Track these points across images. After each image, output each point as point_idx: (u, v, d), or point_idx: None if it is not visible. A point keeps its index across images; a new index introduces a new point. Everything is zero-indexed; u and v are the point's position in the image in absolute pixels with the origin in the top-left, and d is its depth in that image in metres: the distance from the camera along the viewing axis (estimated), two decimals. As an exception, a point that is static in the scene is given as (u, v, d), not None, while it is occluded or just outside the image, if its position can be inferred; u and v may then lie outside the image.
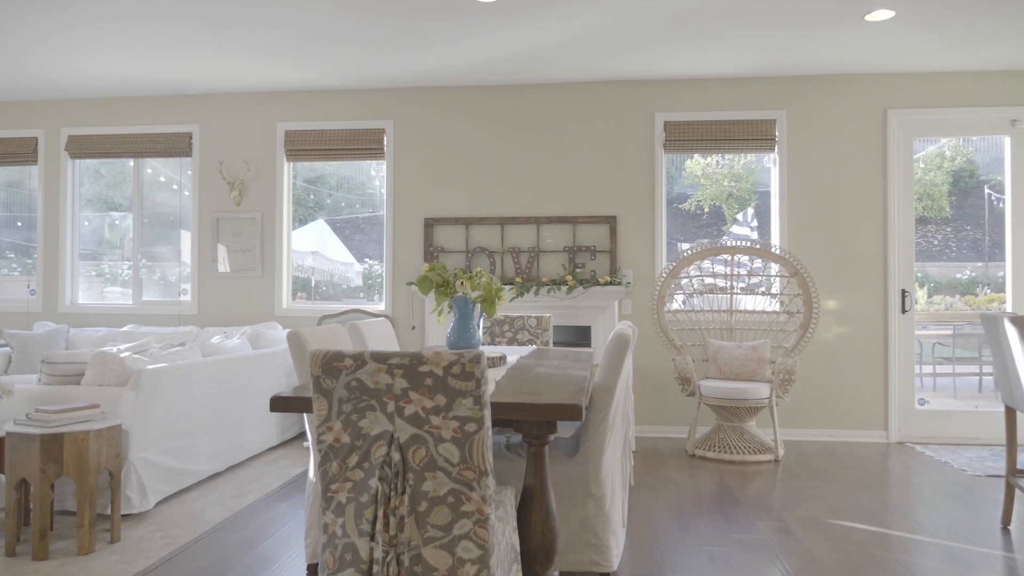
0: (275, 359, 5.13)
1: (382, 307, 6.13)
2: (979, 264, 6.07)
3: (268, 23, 4.66)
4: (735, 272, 5.58)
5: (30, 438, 3.01)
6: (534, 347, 4.44)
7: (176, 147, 6.28)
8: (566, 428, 3.38)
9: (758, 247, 5.46)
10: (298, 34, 4.86)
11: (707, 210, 6.30)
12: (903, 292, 5.60)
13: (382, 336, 3.84)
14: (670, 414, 5.82)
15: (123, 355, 3.73)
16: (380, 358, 1.90)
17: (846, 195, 5.70)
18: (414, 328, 6.03)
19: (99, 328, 5.96)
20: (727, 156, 6.26)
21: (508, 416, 2.19)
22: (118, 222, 6.59)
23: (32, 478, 3.00)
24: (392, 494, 1.93)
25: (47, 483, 3.01)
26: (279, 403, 2.38)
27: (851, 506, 3.92)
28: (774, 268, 5.66)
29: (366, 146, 6.08)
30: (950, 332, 6.44)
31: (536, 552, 2.30)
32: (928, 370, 6.24)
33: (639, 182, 5.88)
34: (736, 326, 5.60)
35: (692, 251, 5.54)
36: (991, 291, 6.01)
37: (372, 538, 1.95)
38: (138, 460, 3.59)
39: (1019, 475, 3.53)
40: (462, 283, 3.18)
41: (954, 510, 3.85)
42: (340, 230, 6.55)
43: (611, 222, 5.86)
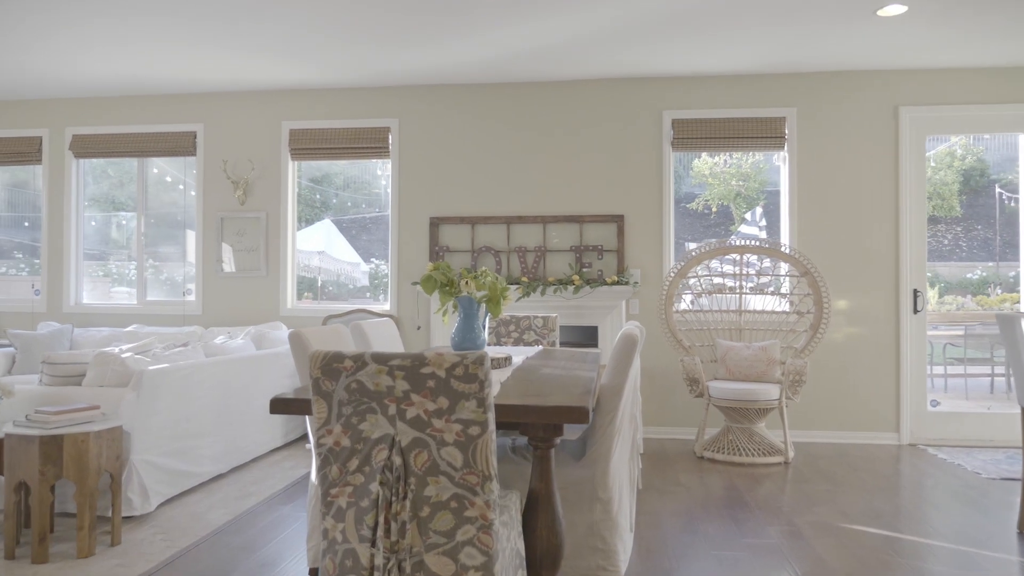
0: (279, 359, 5.09)
1: (387, 307, 6.09)
2: (990, 264, 6.00)
3: (272, 20, 4.62)
4: (744, 272, 5.50)
5: (29, 439, 2.97)
6: (540, 348, 4.39)
7: (180, 146, 6.25)
8: (573, 430, 3.32)
9: (767, 246, 5.39)
10: (302, 31, 4.82)
11: (715, 210, 6.23)
12: (915, 292, 5.52)
13: (386, 336, 3.79)
14: (678, 415, 5.75)
15: (124, 356, 3.69)
16: (381, 359, 1.85)
17: (857, 193, 5.61)
18: (419, 328, 5.98)
19: (103, 328, 5.93)
20: (735, 155, 6.19)
21: (513, 419, 2.13)
22: (125, 222, 6.57)
23: (31, 480, 2.96)
24: (393, 499, 1.88)
25: (46, 485, 2.97)
26: (279, 405, 2.33)
27: (863, 510, 3.85)
28: (784, 268, 5.59)
29: (371, 145, 6.04)
30: (961, 332, 6.37)
31: (542, 558, 2.25)
32: (939, 371, 6.17)
33: (647, 181, 5.82)
34: (745, 326, 5.52)
35: (700, 250, 5.47)
36: (1003, 291, 5.93)
37: (373, 544, 1.90)
38: (139, 462, 3.55)
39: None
40: (467, 282, 3.12)
41: (968, 514, 3.78)
42: (347, 230, 6.51)
43: (618, 221, 5.79)
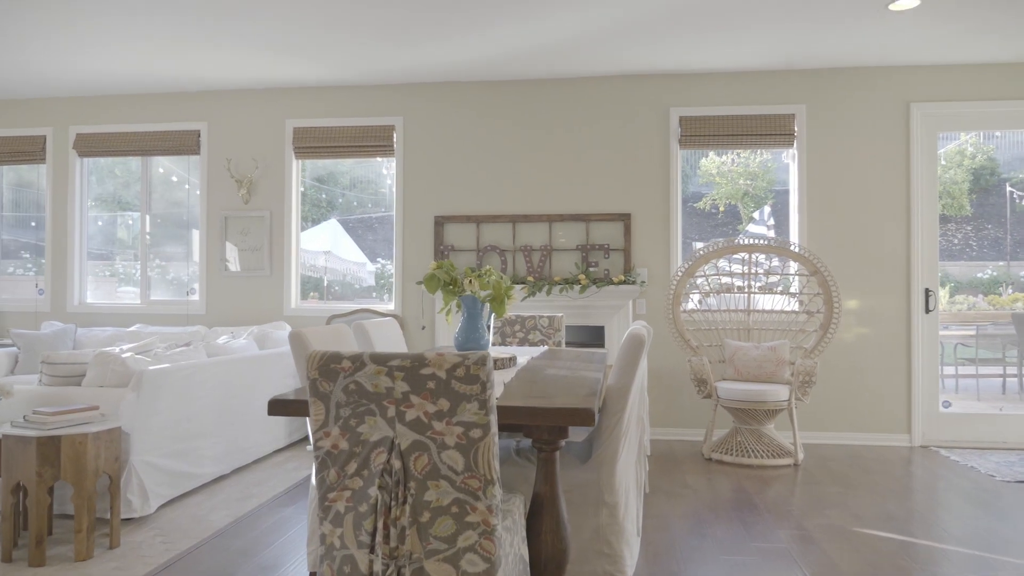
0: (282, 359, 5.04)
1: (392, 307, 6.04)
2: (1001, 263, 5.92)
3: (275, 18, 4.58)
4: (752, 271, 5.43)
5: (26, 441, 2.93)
6: (546, 348, 4.33)
7: (184, 145, 6.21)
8: (578, 432, 3.26)
9: (776, 245, 5.31)
10: (306, 29, 4.77)
11: (722, 209, 6.15)
12: (927, 291, 5.43)
13: (389, 337, 3.73)
14: (686, 416, 5.68)
15: (125, 356, 3.65)
16: (380, 360, 1.79)
17: (868, 191, 5.53)
18: (424, 328, 5.93)
19: (107, 328, 5.90)
20: (742, 154, 6.11)
21: (516, 421, 2.07)
22: (131, 222, 6.53)
23: (28, 482, 2.92)
24: (393, 504, 1.82)
25: (43, 487, 2.93)
26: (278, 406, 2.28)
27: (875, 513, 3.77)
28: (793, 267, 5.51)
29: (375, 143, 5.99)
30: (973, 332, 6.27)
31: (546, 564, 2.19)
32: (950, 371, 6.07)
33: (654, 179, 5.75)
34: (754, 326, 5.45)
35: (708, 249, 5.39)
36: (1014, 290, 5.84)
37: (372, 550, 1.84)
38: (139, 463, 3.51)
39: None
40: (470, 281, 3.07)
41: (983, 518, 3.69)
42: (353, 230, 6.46)
43: (625, 220, 5.73)
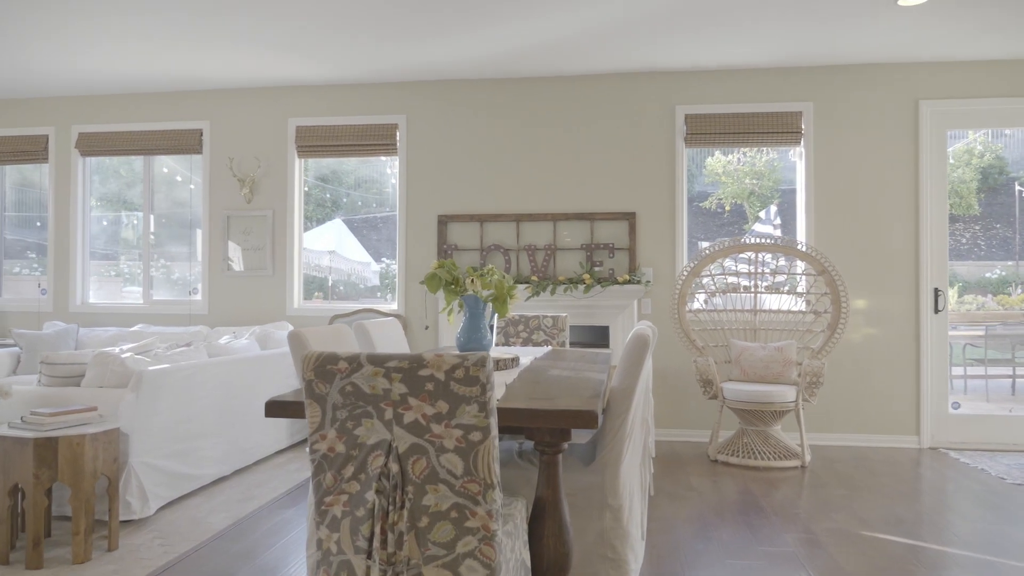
0: (284, 360, 5.01)
1: (395, 307, 6.00)
2: (1009, 263, 5.85)
3: (278, 16, 4.54)
4: (759, 270, 5.37)
5: (23, 442, 2.89)
6: (549, 348, 4.28)
7: (186, 144, 6.19)
8: (582, 434, 3.22)
9: (783, 244, 5.25)
10: (309, 27, 4.74)
11: (728, 208, 6.09)
12: (936, 291, 5.36)
13: (391, 337, 3.69)
14: (691, 417, 5.62)
15: (124, 356, 3.62)
16: (377, 361, 1.75)
17: (876, 190, 5.46)
18: (427, 328, 5.88)
19: (109, 328, 5.88)
20: (748, 153, 6.05)
21: (517, 423, 2.03)
22: (136, 222, 6.51)
23: (25, 484, 2.89)
24: (390, 508, 1.78)
25: (41, 489, 2.89)
26: (275, 408, 2.24)
27: (883, 516, 3.71)
28: (800, 266, 5.45)
29: (378, 142, 5.95)
30: (982, 333, 6.20)
31: (548, 569, 2.14)
32: (958, 372, 6.00)
33: (659, 177, 5.69)
34: (760, 326, 5.39)
35: (714, 249, 5.34)
36: (1023, 290, 5.77)
37: (369, 556, 1.80)
38: (139, 464, 3.48)
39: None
40: (472, 281, 3.02)
41: (994, 521, 3.63)
42: (358, 230, 6.43)
43: (630, 219, 5.67)
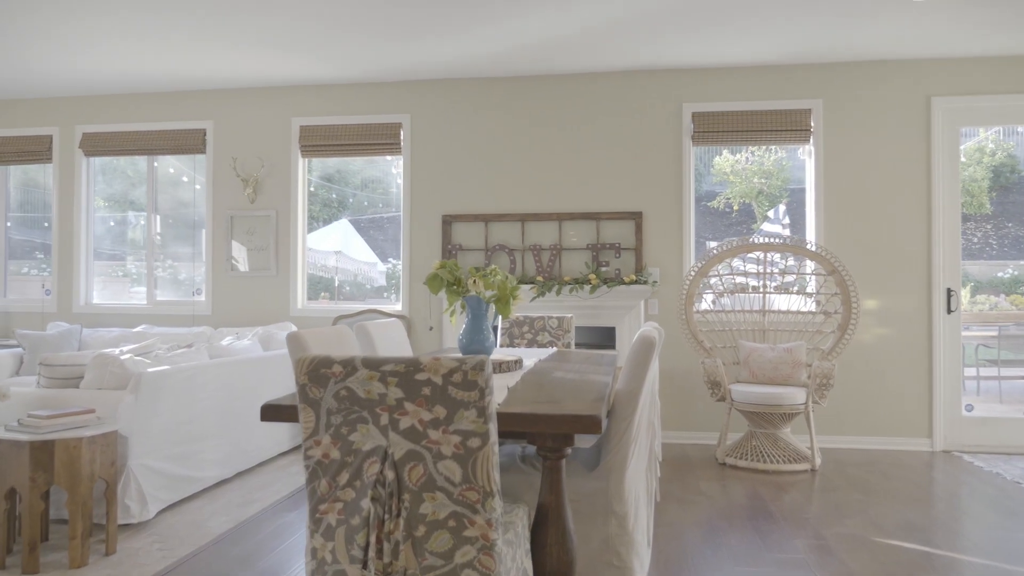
0: (286, 361, 4.96)
1: (399, 307, 5.95)
2: (1022, 262, 5.75)
3: (282, 14, 4.49)
4: (768, 270, 5.28)
5: (19, 445, 2.85)
6: (554, 349, 4.22)
7: (190, 144, 6.15)
8: (586, 438, 3.15)
9: (792, 244, 5.17)
10: (313, 25, 4.69)
11: (736, 208, 6.01)
12: (948, 291, 5.27)
13: (393, 338, 3.64)
14: (699, 419, 5.54)
15: (124, 357, 3.58)
16: (372, 364, 1.69)
17: (887, 188, 5.37)
18: (431, 329, 5.83)
19: (113, 328, 5.85)
20: (757, 153, 5.97)
21: (518, 428, 1.97)
22: (143, 222, 6.48)
23: (21, 487, 2.85)
24: (386, 517, 1.72)
25: (37, 493, 2.85)
26: (271, 412, 2.18)
27: (896, 522, 3.63)
28: (809, 266, 5.36)
29: (382, 141, 5.90)
30: (995, 333, 6.10)
31: (551, 578, 2.07)
32: (971, 373, 5.90)
33: (666, 176, 5.62)
34: (769, 327, 5.31)
35: (722, 248, 5.26)
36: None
37: (364, 565, 1.74)
38: (138, 467, 3.43)
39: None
40: (475, 281, 2.96)
41: (1010, 527, 3.54)
42: (364, 230, 6.38)
43: (636, 218, 5.60)
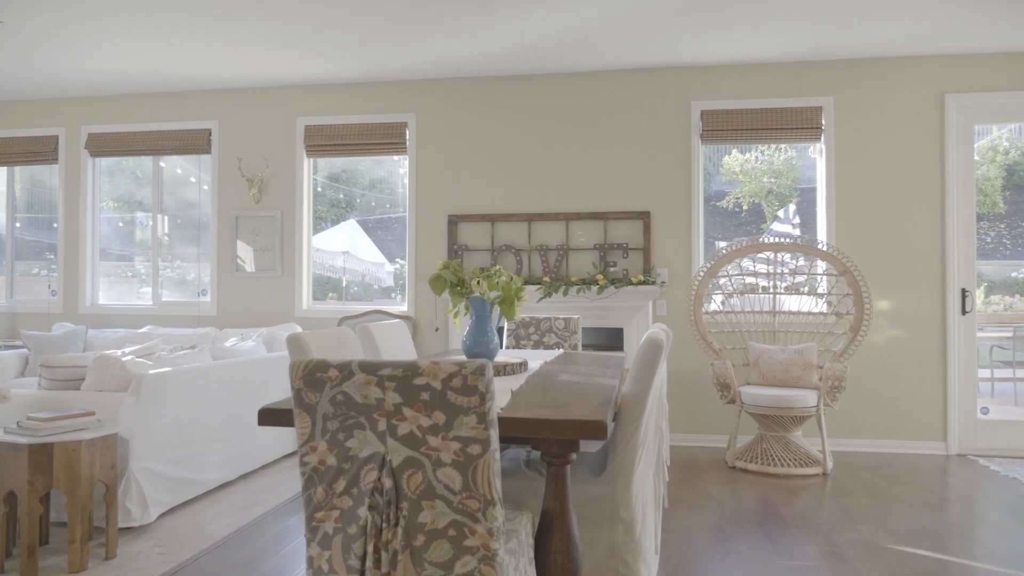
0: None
1: (404, 308, 5.90)
2: (1037, 263, 5.66)
3: (286, 14, 4.45)
4: (778, 271, 5.20)
5: (18, 448, 2.82)
6: (561, 351, 4.16)
7: (195, 144, 6.13)
8: (591, 443, 3.09)
9: (803, 244, 5.08)
10: (317, 25, 4.65)
11: (745, 207, 5.93)
12: (963, 292, 5.17)
13: (396, 340, 3.58)
14: (708, 422, 5.47)
15: (125, 359, 3.54)
16: (369, 368, 1.64)
17: (900, 186, 5.28)
18: (437, 330, 5.78)
19: (118, 329, 5.83)
20: (766, 152, 5.89)
21: (521, 433, 1.91)
22: (150, 223, 6.46)
23: (20, 491, 2.81)
24: (384, 525, 1.67)
25: (35, 496, 2.82)
26: (268, 416, 2.13)
27: (910, 528, 3.55)
28: (821, 266, 5.28)
29: (388, 140, 5.85)
30: (1010, 334, 6.00)
31: (555, 587, 2.01)
32: (984, 374, 5.80)
33: (675, 175, 5.55)
34: (780, 328, 5.22)
35: (731, 248, 5.18)
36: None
37: (362, 575, 1.69)
38: (139, 470, 3.40)
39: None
40: (478, 282, 2.91)
41: (1028, 534, 3.46)
42: (372, 230, 6.35)
43: (645, 218, 5.53)
